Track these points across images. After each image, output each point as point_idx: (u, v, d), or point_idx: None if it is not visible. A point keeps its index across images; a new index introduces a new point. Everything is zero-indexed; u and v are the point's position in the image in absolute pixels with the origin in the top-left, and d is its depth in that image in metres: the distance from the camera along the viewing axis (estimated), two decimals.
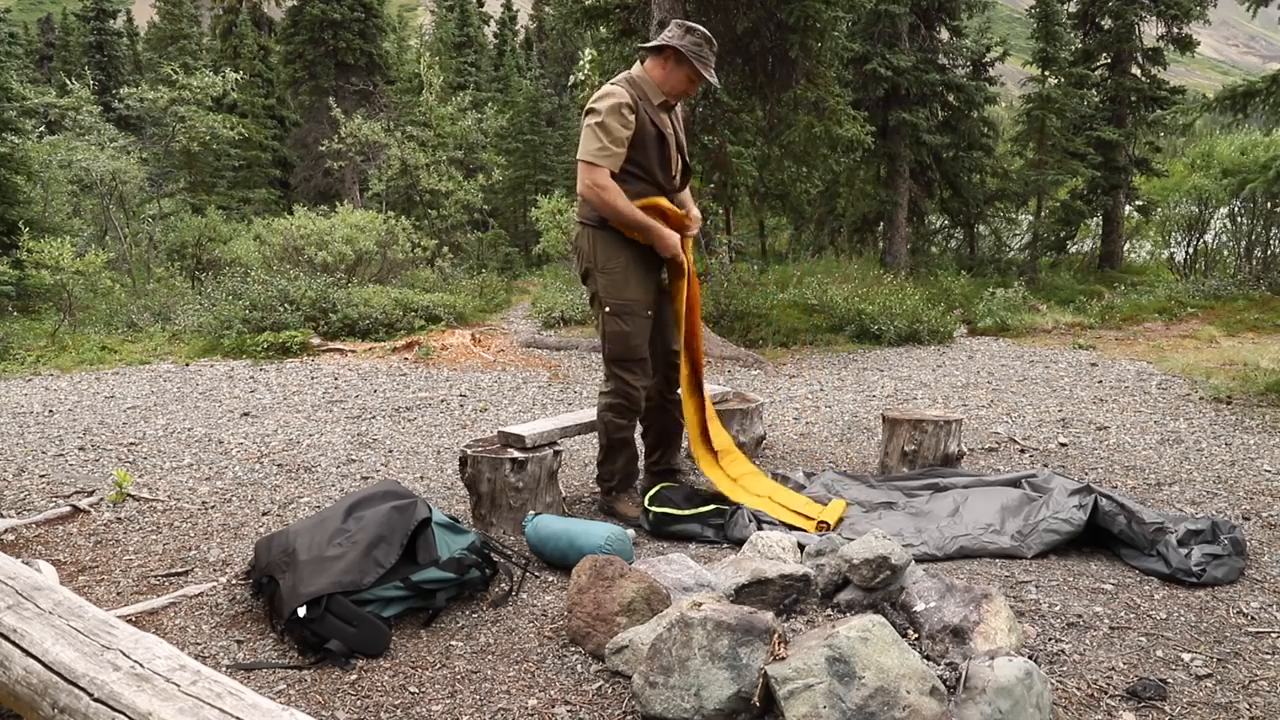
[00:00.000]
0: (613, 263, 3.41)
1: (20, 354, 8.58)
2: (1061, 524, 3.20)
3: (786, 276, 11.91)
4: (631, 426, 3.60)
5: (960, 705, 1.91)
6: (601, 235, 3.42)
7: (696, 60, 3.33)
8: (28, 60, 34.89)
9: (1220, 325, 9.74)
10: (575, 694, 2.23)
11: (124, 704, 1.65)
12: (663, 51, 3.36)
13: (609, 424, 3.55)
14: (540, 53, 40.71)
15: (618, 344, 3.46)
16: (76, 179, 15.14)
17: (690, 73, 3.36)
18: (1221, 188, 13.37)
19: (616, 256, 3.41)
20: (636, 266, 3.43)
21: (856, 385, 6.87)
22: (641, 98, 3.33)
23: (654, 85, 3.38)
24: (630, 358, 3.47)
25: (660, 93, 3.39)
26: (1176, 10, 15.44)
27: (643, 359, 3.50)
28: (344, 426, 5.58)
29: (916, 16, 14.74)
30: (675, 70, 3.36)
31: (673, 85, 3.39)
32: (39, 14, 62.37)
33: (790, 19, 8.13)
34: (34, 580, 2.11)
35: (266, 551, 2.78)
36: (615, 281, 3.42)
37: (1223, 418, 5.53)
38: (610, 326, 3.44)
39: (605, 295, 3.43)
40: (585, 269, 3.53)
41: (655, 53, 3.40)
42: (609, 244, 3.41)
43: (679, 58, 3.34)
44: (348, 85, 22.69)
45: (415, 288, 12.18)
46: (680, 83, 3.39)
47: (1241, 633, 2.56)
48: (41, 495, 4.10)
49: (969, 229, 17.25)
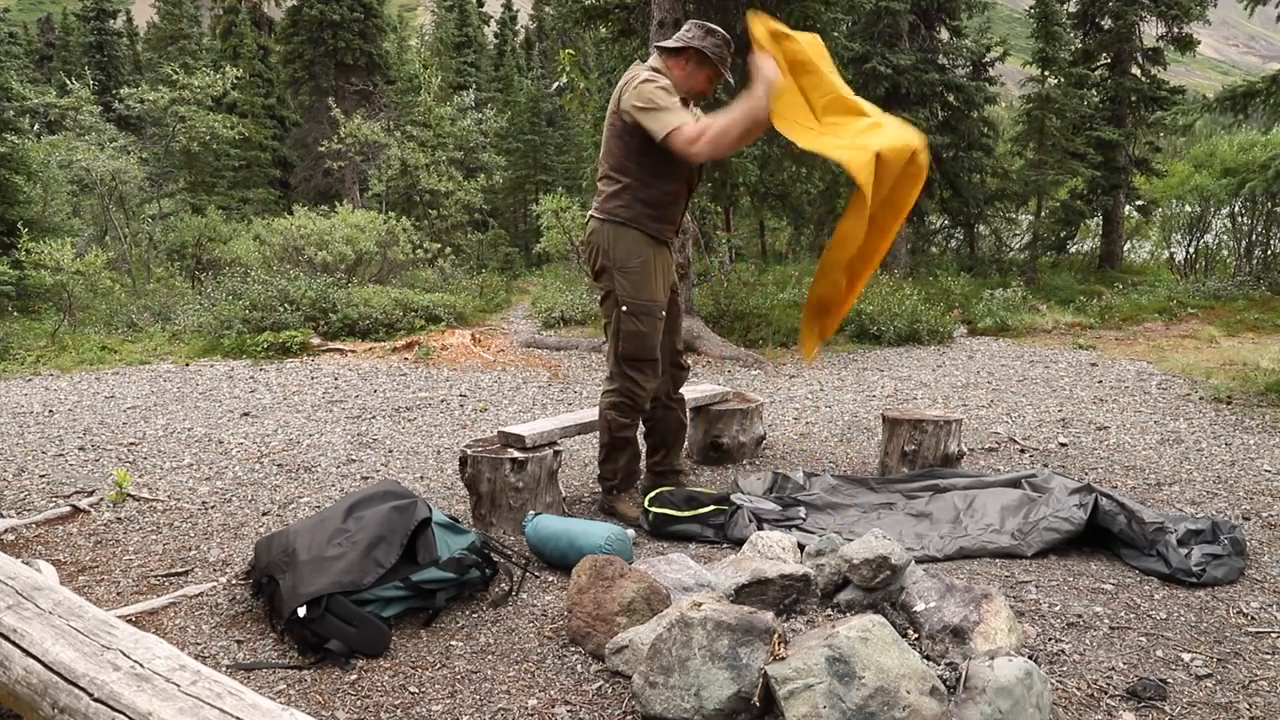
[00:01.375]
0: (633, 261, 3.36)
1: (20, 354, 8.58)
2: (1062, 523, 3.20)
3: (786, 276, 11.92)
4: (634, 426, 3.59)
5: (960, 705, 1.90)
6: (623, 232, 3.35)
7: (718, 61, 3.32)
8: (28, 60, 34.90)
9: (1220, 325, 9.74)
10: (575, 694, 2.23)
11: (124, 704, 1.65)
12: (684, 53, 3.34)
13: (612, 422, 3.53)
14: (540, 53, 40.68)
15: (633, 344, 3.42)
16: (76, 179, 15.16)
17: (711, 73, 3.36)
18: (1221, 187, 13.37)
19: (637, 255, 3.36)
20: (655, 266, 3.40)
21: (856, 385, 6.87)
22: None
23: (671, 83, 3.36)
24: (644, 358, 3.45)
25: (678, 91, 3.38)
26: (1176, 10, 15.44)
27: (655, 359, 3.48)
28: (344, 426, 5.58)
29: (916, 16, 14.74)
30: (696, 71, 3.35)
31: (692, 85, 3.37)
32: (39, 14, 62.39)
33: (790, 19, 8.12)
34: (34, 580, 2.11)
35: (266, 551, 2.78)
36: (634, 281, 3.37)
37: (1223, 418, 5.53)
38: (627, 326, 3.40)
39: (623, 294, 3.38)
40: (601, 266, 3.43)
41: (674, 54, 3.36)
42: (630, 242, 3.36)
43: (701, 59, 3.32)
44: (348, 85, 22.69)
45: (415, 288, 12.18)
46: (700, 83, 3.38)
47: (1241, 633, 2.56)
48: (41, 495, 4.10)
49: (969, 229, 17.25)
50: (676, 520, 3.39)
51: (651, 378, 3.50)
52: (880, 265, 3.11)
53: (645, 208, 3.34)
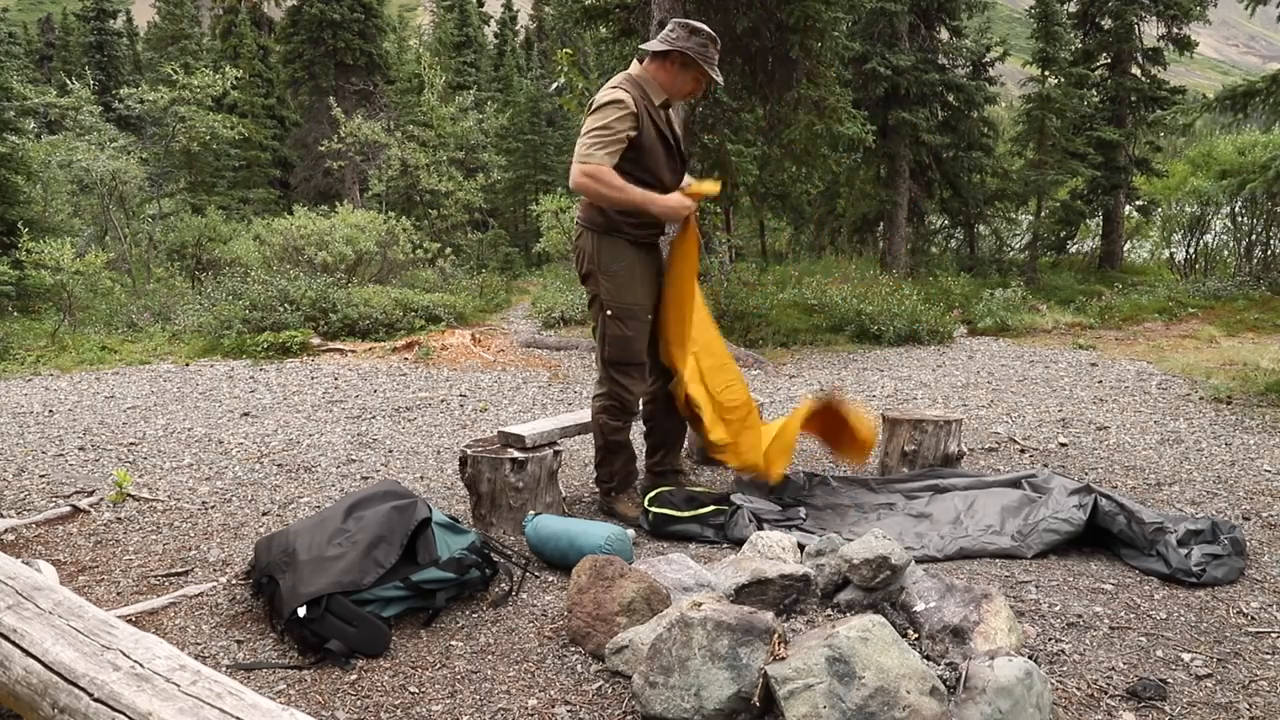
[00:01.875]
0: (616, 265, 3.38)
1: (20, 354, 8.58)
2: (1061, 524, 3.20)
3: (786, 276, 11.92)
4: (627, 428, 3.60)
5: (960, 705, 1.90)
6: (605, 239, 3.39)
7: (703, 61, 3.30)
8: (28, 60, 34.85)
9: (1220, 325, 9.74)
10: (575, 694, 2.23)
11: (124, 704, 1.65)
12: (668, 55, 3.32)
13: (604, 426, 3.55)
14: (540, 53, 40.67)
15: (618, 348, 3.44)
16: (76, 179, 15.15)
17: (697, 74, 3.35)
18: (1221, 188, 13.37)
19: (620, 259, 3.39)
20: (639, 269, 3.42)
21: (856, 385, 6.87)
22: (643, 98, 3.31)
23: (656, 86, 3.36)
24: (630, 361, 3.46)
25: (662, 93, 3.37)
26: (1176, 10, 15.43)
27: (642, 363, 3.49)
28: (344, 426, 5.58)
29: (916, 16, 14.72)
30: (681, 73, 3.34)
31: (679, 88, 3.38)
32: (39, 14, 62.34)
33: (790, 19, 8.12)
34: (34, 580, 2.11)
35: (266, 551, 2.78)
36: (618, 285, 3.39)
37: (1223, 418, 5.53)
38: (611, 330, 3.42)
39: (607, 298, 3.40)
40: (587, 271, 3.48)
41: (659, 55, 3.35)
42: (612, 247, 3.39)
43: (685, 60, 3.31)
44: (348, 85, 22.67)
45: (415, 288, 12.18)
46: (687, 84, 3.38)
47: (1241, 633, 2.56)
48: (41, 495, 4.10)
49: (969, 229, 17.24)
50: (676, 520, 3.39)
51: (639, 381, 3.51)
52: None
53: (623, 216, 3.35)
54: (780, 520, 3.43)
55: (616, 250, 3.39)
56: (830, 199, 16.19)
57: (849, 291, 10.28)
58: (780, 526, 3.35)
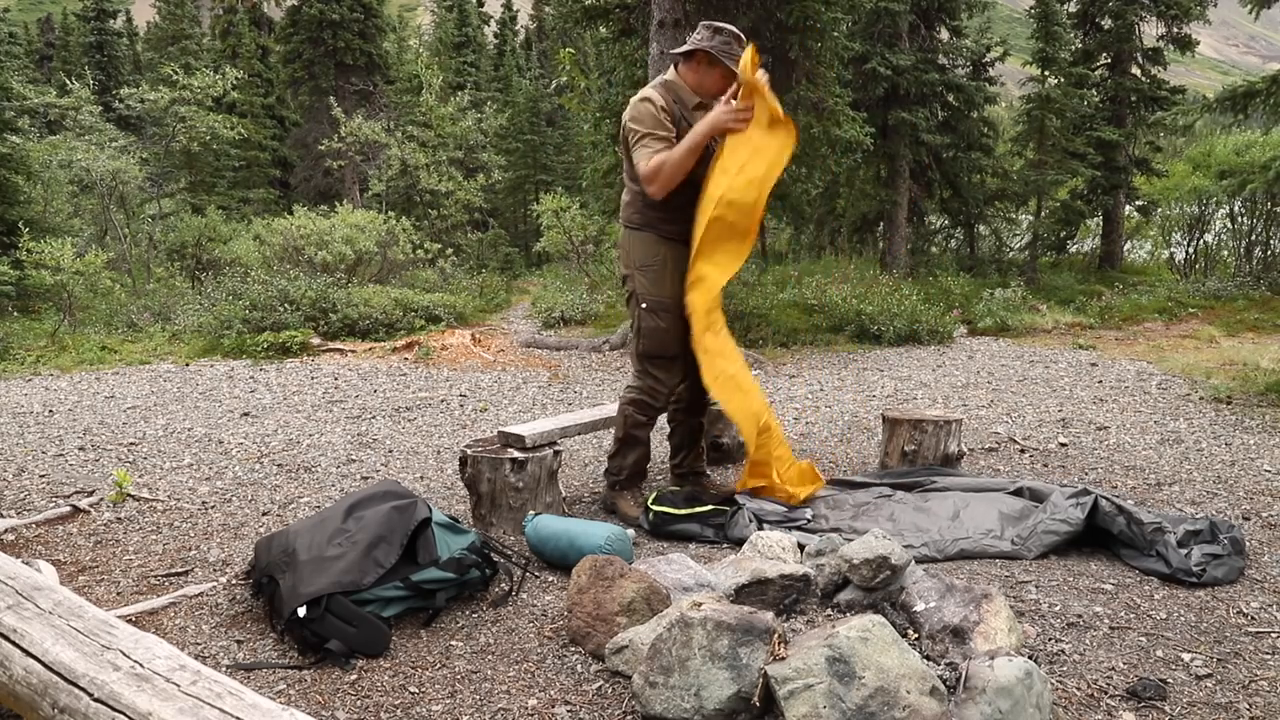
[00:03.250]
0: (651, 260, 3.50)
1: (20, 354, 8.58)
2: (1059, 524, 3.20)
3: (786, 276, 11.92)
4: (650, 425, 3.66)
5: (960, 705, 1.90)
6: (639, 236, 3.52)
7: (726, 58, 3.37)
8: (28, 60, 34.85)
9: (1220, 325, 9.74)
10: (575, 694, 2.23)
11: (124, 704, 1.65)
12: (694, 55, 3.42)
13: (629, 418, 3.61)
14: (540, 53, 40.67)
15: (653, 340, 3.53)
16: (76, 179, 15.15)
17: (724, 71, 3.40)
18: (1220, 188, 13.37)
19: (654, 255, 3.50)
20: (673, 264, 3.50)
21: (856, 385, 6.87)
22: (676, 101, 3.40)
23: (688, 89, 3.44)
24: (664, 354, 3.55)
25: (694, 95, 3.44)
26: (1176, 10, 15.42)
27: (676, 356, 3.56)
28: (344, 426, 5.58)
29: (916, 16, 14.71)
30: (708, 72, 3.42)
31: (707, 87, 3.44)
32: (39, 14, 62.33)
33: (790, 19, 8.12)
34: (34, 580, 2.11)
35: (266, 551, 2.78)
36: (652, 279, 3.50)
37: (1223, 418, 5.53)
38: (646, 323, 3.52)
39: (642, 292, 3.52)
40: (625, 268, 3.62)
41: (686, 57, 3.45)
42: (646, 244, 3.51)
43: (710, 60, 3.39)
44: (348, 85, 22.67)
45: (415, 288, 12.18)
46: (715, 83, 3.44)
47: (1241, 633, 2.56)
48: (41, 495, 4.10)
49: (969, 229, 17.23)
50: (676, 519, 3.40)
51: (674, 375, 3.60)
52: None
53: (655, 212, 3.47)
54: (783, 521, 3.43)
55: (649, 245, 3.51)
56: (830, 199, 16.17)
57: (849, 291, 10.28)
58: (782, 527, 3.35)
